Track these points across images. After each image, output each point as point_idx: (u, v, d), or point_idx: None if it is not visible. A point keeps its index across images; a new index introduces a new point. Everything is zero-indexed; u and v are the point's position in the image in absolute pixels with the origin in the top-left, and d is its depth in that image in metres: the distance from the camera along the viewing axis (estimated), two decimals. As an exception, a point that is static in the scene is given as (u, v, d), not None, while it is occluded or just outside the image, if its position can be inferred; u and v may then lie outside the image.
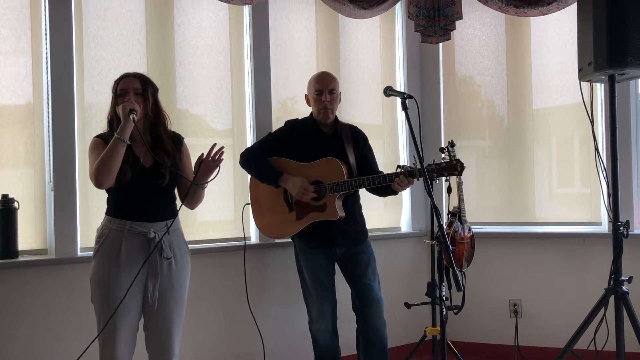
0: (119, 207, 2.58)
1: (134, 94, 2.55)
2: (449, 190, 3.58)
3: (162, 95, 2.72)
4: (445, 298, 3.26)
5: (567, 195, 4.17)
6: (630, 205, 3.79)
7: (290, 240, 3.37)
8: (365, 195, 3.40)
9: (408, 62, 4.27)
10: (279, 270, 3.67)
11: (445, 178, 3.24)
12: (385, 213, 4.20)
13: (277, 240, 3.58)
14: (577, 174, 4.13)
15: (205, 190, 2.71)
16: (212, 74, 3.65)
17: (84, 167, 2.75)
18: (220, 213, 3.66)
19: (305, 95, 3.35)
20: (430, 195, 2.57)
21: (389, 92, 2.76)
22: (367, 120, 4.10)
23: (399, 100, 2.67)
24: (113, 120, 2.59)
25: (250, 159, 3.29)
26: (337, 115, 3.35)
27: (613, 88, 3.05)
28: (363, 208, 3.37)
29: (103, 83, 3.27)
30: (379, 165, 3.42)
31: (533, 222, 4.16)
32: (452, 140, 3.20)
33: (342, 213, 3.15)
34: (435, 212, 2.63)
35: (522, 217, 4.18)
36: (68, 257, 3.12)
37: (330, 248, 3.22)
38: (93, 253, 2.58)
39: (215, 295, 3.51)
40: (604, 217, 3.90)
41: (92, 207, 3.24)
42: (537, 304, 4.02)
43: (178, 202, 2.69)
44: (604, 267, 3.16)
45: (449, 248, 2.57)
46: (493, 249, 4.07)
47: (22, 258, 3.07)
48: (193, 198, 2.69)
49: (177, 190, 2.71)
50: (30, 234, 3.17)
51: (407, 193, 4.18)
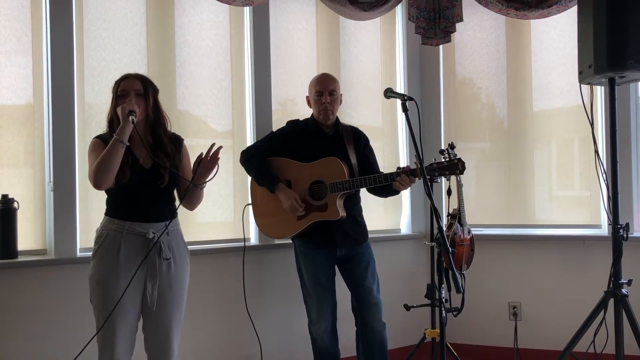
0: (119, 207, 2.58)
1: (135, 95, 2.56)
2: (449, 192, 3.58)
3: (162, 96, 2.72)
4: (445, 300, 3.26)
5: (567, 198, 4.17)
6: (630, 208, 3.79)
7: (290, 242, 3.37)
8: (365, 197, 3.40)
9: (408, 64, 4.27)
10: (278, 272, 3.67)
11: (446, 179, 3.23)
12: (385, 215, 4.19)
13: (276, 242, 3.58)
14: (577, 177, 4.12)
15: (205, 191, 2.71)
16: (212, 75, 3.65)
17: (84, 167, 2.75)
18: (220, 214, 3.65)
19: (307, 97, 3.36)
20: (430, 197, 2.57)
21: (389, 94, 2.76)
22: (367, 122, 4.09)
23: (399, 102, 2.67)
24: (113, 121, 2.59)
25: (251, 158, 3.29)
26: (338, 117, 3.35)
27: (613, 91, 3.04)
28: (362, 210, 3.37)
29: (103, 84, 3.27)
30: (379, 167, 3.42)
31: (533, 224, 4.15)
32: (452, 142, 3.20)
33: (343, 213, 3.15)
34: (435, 214, 2.63)
35: (521, 219, 4.18)
36: (67, 257, 3.12)
37: (331, 249, 3.22)
38: (92, 253, 2.58)
39: (215, 297, 3.50)
40: (604, 219, 3.90)
41: (91, 207, 3.24)
42: (536, 307, 4.01)
43: (178, 203, 2.69)
44: (604, 269, 3.15)
45: (449, 250, 2.57)
46: (493, 251, 4.07)
47: (21, 258, 3.07)
48: (192, 198, 2.69)
49: (176, 192, 2.71)
50: (30, 234, 3.17)
51: (406, 195, 4.18)
